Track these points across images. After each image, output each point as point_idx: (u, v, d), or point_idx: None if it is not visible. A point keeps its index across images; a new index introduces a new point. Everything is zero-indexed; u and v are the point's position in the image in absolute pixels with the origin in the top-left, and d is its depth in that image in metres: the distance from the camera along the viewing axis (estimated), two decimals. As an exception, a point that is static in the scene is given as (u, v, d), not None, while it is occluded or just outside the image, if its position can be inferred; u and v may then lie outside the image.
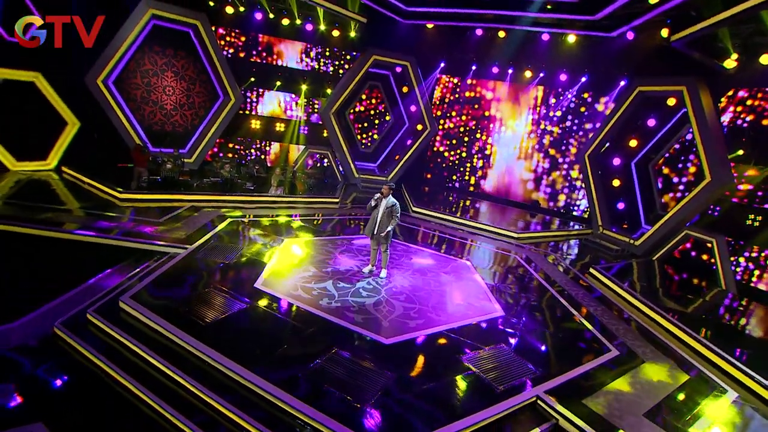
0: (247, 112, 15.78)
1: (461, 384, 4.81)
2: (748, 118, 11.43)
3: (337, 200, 12.91)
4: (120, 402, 4.19)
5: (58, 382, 4.38)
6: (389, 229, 7.21)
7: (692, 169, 12.62)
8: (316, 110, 16.56)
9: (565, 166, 15.74)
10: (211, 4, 13.31)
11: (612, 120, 12.86)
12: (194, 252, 7.43)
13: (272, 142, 16.53)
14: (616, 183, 14.10)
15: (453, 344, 5.62)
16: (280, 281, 6.75)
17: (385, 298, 6.67)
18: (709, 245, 10.78)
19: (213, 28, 13.47)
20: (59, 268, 6.79)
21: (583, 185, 14.38)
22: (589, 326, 6.82)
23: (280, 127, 16.38)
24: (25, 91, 10.75)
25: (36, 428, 3.74)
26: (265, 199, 11.82)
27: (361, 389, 4.38)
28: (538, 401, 4.70)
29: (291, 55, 15.69)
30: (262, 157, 16.38)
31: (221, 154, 15.56)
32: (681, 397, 5.15)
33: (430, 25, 14.78)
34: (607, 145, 13.53)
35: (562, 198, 15.86)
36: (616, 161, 14.09)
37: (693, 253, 11.73)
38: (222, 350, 4.65)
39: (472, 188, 17.72)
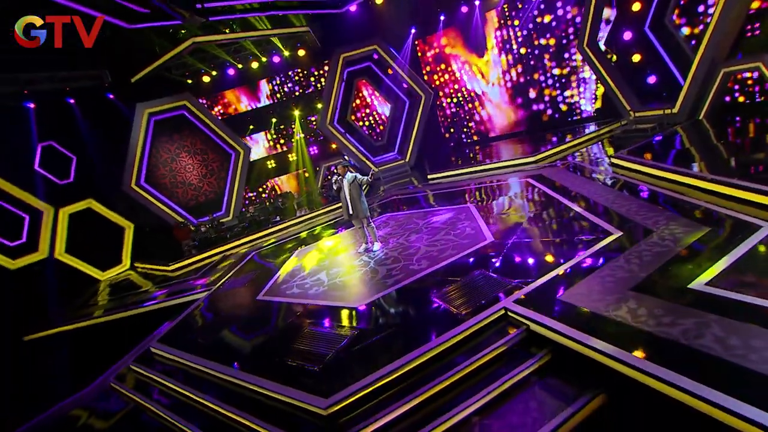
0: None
1: (427, 318, 4.80)
2: None
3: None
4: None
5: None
6: (362, 205, 7.39)
7: None
8: (310, 132, 17.34)
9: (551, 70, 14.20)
10: (189, 81, 14.91)
11: (592, -5, 11.42)
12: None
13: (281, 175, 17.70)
14: (636, 58, 12.40)
15: (427, 286, 5.58)
16: (280, 288, 7.33)
17: (372, 267, 6.83)
18: (756, 72, 8.89)
19: (199, 100, 15.05)
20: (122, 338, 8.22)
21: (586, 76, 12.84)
22: (592, 217, 6.18)
23: (272, 163, 17.44)
24: (87, 216, 13.15)
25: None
26: (290, 223, 12.73)
27: (320, 352, 4.64)
28: (508, 313, 4.48)
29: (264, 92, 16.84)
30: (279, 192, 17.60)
31: (246, 202, 17.00)
32: (684, 254, 4.47)
33: (378, 1, 14.68)
34: (605, 23, 12.01)
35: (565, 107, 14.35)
36: (627, 35, 12.41)
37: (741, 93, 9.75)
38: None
39: (476, 137, 16.96)
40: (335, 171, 7.41)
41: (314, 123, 17.20)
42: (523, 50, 14.66)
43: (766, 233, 4.44)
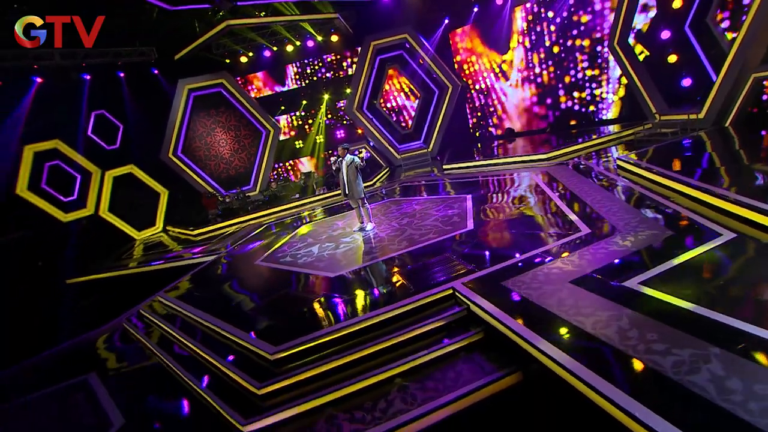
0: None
1: (384, 291, 5.22)
2: None
3: (367, 183, 13.84)
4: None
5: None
6: (357, 186, 7.83)
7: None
8: (337, 116, 17.84)
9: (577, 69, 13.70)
10: (227, 61, 15.84)
11: (627, -9, 10.98)
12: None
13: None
14: (672, 59, 11.83)
15: (396, 264, 5.97)
16: (276, 256, 7.97)
17: (358, 245, 7.30)
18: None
19: (237, 79, 15.97)
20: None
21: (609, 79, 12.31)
22: (571, 214, 6.27)
23: (300, 143, 18.15)
24: (128, 180, 14.51)
25: (90, 376, 5.56)
26: (306, 201, 13.42)
27: (286, 310, 5.20)
28: (456, 293, 4.79)
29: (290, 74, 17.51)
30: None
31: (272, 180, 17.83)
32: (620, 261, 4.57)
33: (412, -10, 14.82)
34: (640, 22, 11.51)
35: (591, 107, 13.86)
36: (665, 34, 11.84)
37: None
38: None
39: (499, 131, 16.74)
40: (337, 153, 7.86)
41: (343, 108, 17.70)
42: (555, 48, 14.27)
43: (723, 241, 4.45)
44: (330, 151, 18.05)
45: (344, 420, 3.65)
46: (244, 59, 16.16)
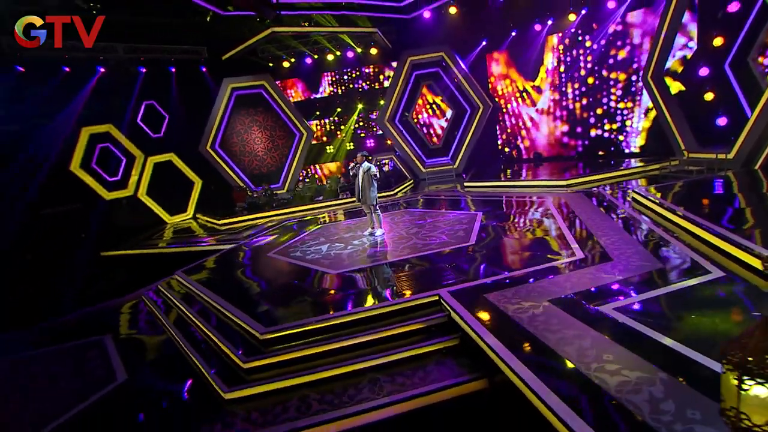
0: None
1: (375, 291, 5.52)
2: None
3: (389, 193, 14.20)
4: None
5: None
6: (371, 193, 8.19)
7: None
8: (369, 126, 18.37)
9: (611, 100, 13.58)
10: (270, 65, 16.77)
11: (665, 24, 10.93)
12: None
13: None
14: (709, 96, 11.60)
15: (393, 269, 6.26)
16: (288, 251, 8.43)
17: (365, 248, 7.64)
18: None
19: (277, 82, 16.86)
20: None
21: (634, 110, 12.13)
22: (571, 240, 6.35)
23: (331, 149, 18.80)
24: (167, 168, 15.55)
25: (106, 338, 6.15)
26: (328, 203, 13.93)
27: (283, 298, 5.59)
28: (441, 299, 5.02)
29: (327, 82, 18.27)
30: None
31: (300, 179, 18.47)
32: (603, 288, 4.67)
33: (453, 10, 15.21)
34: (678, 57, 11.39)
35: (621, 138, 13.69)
36: (704, 71, 11.65)
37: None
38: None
39: (527, 155, 16.71)
40: (356, 159, 8.27)
41: (374, 119, 18.24)
42: (590, 80, 14.24)
43: (708, 279, 4.47)
44: (354, 159, 18.59)
45: (314, 400, 3.95)
46: (286, 64, 17.05)
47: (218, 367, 4.51)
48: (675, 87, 11.91)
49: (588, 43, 14.18)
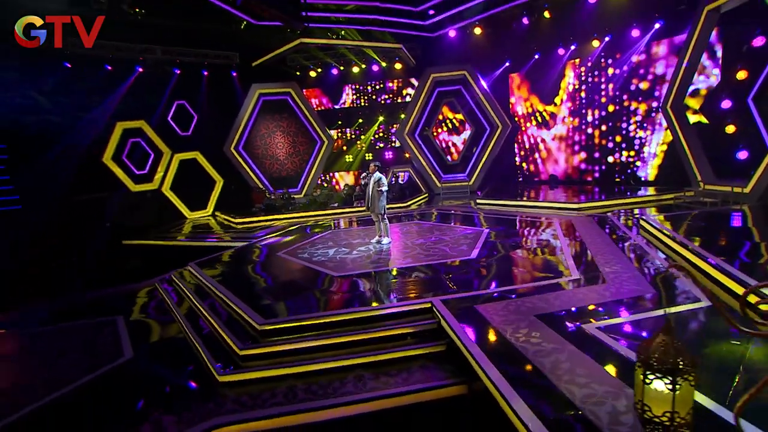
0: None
1: (373, 294, 5.74)
2: None
3: (403, 205, 14.46)
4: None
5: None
6: (380, 203, 8.46)
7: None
8: (388, 139, 18.75)
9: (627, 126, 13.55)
10: (297, 73, 17.42)
11: (685, 56, 10.96)
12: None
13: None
14: (730, 129, 11.50)
15: (393, 275, 6.49)
16: (296, 252, 8.76)
17: (369, 254, 7.88)
18: None
19: (303, 91, 17.49)
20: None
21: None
22: (570, 261, 6.45)
23: (350, 157, 19.23)
24: (192, 165, 16.26)
25: (118, 318, 6.55)
26: (342, 210, 14.27)
27: (285, 294, 5.87)
28: (433, 307, 5.21)
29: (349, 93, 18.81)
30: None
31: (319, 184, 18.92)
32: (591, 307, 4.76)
33: (478, 31, 15.56)
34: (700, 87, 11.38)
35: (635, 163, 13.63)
36: (726, 104, 11.58)
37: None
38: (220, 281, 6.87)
39: (545, 176, 16.71)
40: (368, 169, 8.59)
41: (393, 132, 18.64)
42: (611, 107, 14.29)
43: (695, 308, 4.53)
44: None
45: (300, 390, 4.18)
46: (313, 74, 17.68)
47: (216, 352, 4.80)
48: (695, 118, 11.87)
49: (610, 71, 14.26)
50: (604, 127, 14.58)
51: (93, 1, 10.09)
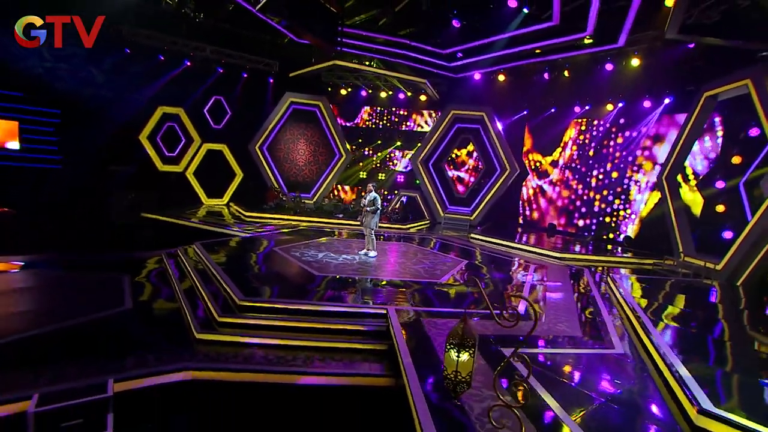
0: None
1: (340, 295, 6.61)
2: None
3: (403, 226, 15.33)
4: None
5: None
6: (371, 219, 9.37)
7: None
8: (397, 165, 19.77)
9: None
10: (329, 89, 18.75)
11: (683, 135, 11.70)
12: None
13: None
14: (720, 209, 12.08)
15: (364, 284, 7.33)
16: (291, 250, 9.69)
17: (353, 263, 8.76)
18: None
19: (331, 106, 18.78)
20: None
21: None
22: (522, 303, 7.17)
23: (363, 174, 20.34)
24: (217, 156, 17.59)
25: (125, 276, 7.56)
26: (345, 221, 15.22)
27: (267, 280, 6.78)
28: (387, 313, 6.01)
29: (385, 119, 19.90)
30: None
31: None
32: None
33: (501, 78, 16.63)
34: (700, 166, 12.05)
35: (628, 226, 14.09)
36: (720, 184, 12.20)
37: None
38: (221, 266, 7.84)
39: (544, 225, 17.34)
40: (367, 188, 9.57)
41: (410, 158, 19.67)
42: (615, 174, 15.03)
43: (607, 352, 5.22)
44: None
45: (259, 357, 5.04)
46: (343, 92, 18.99)
47: (199, 317, 5.71)
48: (689, 194, 12.50)
49: (619, 140, 15.05)
50: (605, 192, 15.33)
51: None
